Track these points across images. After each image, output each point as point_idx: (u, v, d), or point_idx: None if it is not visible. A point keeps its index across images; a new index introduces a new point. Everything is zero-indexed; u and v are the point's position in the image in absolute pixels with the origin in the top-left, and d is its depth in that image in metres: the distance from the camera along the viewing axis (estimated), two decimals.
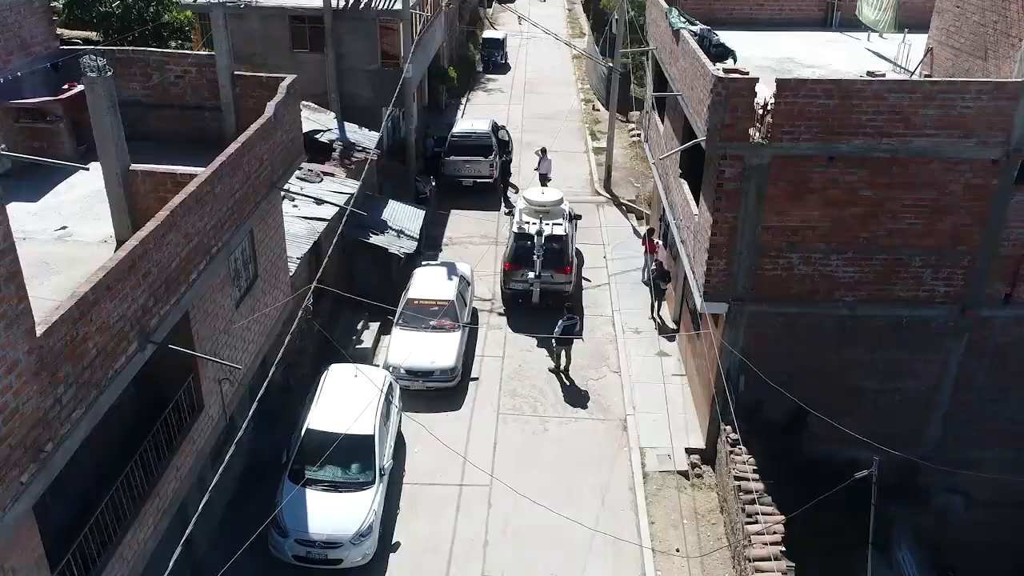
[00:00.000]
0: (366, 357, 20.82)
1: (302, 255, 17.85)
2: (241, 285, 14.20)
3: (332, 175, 21.77)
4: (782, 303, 16.65)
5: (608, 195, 31.29)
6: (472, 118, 34.79)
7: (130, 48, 16.04)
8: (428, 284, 21.75)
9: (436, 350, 20.00)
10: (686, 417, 19.25)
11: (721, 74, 14.96)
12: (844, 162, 15.31)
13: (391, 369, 19.81)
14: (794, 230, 15.97)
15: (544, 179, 30.24)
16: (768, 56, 20.96)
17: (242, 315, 14.16)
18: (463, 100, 41.49)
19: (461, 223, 28.76)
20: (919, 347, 17.02)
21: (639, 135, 36.02)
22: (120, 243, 11.52)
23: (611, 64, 32.28)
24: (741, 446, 15.79)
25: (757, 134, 15.31)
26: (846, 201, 15.67)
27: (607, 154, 31.96)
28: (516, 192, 30.92)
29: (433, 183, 28.95)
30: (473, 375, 20.84)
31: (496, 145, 31.14)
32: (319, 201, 19.90)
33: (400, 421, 18.57)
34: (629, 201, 30.79)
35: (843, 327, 16.91)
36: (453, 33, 44.52)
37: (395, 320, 20.99)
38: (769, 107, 15.10)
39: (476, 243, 27.53)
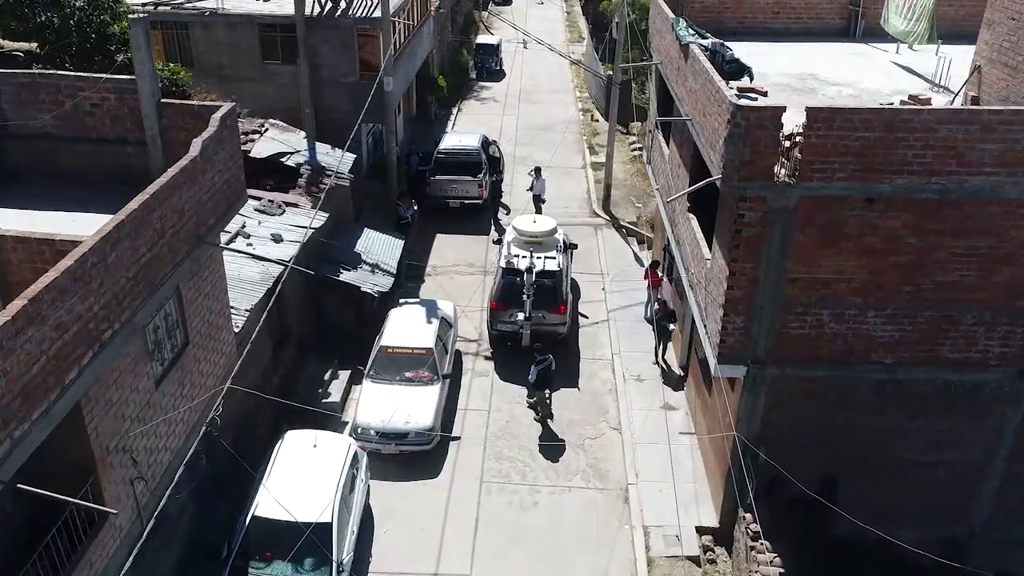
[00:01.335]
0: (334, 413, 18.41)
1: (252, 306, 15.44)
2: (164, 358, 11.81)
3: (296, 205, 19.38)
4: (810, 366, 14.29)
5: (607, 217, 28.86)
6: (460, 132, 32.32)
7: (36, 71, 13.66)
8: (404, 329, 19.32)
9: (411, 407, 17.57)
10: (696, 486, 16.85)
11: (740, 101, 12.57)
12: (885, 204, 12.95)
13: (359, 431, 17.41)
14: (825, 283, 13.60)
15: (538, 201, 27.78)
16: (786, 72, 18.58)
17: (166, 393, 11.76)
18: (454, 110, 39.07)
19: (446, 249, 26.35)
20: (969, 415, 14.66)
21: (640, 148, 33.64)
22: None
23: (611, 73, 29.90)
24: (764, 541, 13.39)
25: (783, 171, 12.93)
26: (887, 249, 13.31)
27: (606, 171, 29.50)
28: (508, 213, 28.54)
29: (415, 207, 26.51)
30: (454, 434, 18.42)
31: (486, 162, 28.69)
32: (277, 238, 17.50)
33: (368, 493, 16.19)
34: (630, 223, 28.37)
35: (880, 392, 14.56)
36: (444, 39, 42.09)
37: (366, 371, 18.56)
38: (797, 140, 12.72)
39: (462, 272, 25.11)
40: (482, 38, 47.48)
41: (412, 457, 17.46)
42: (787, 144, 12.84)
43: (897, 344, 14.06)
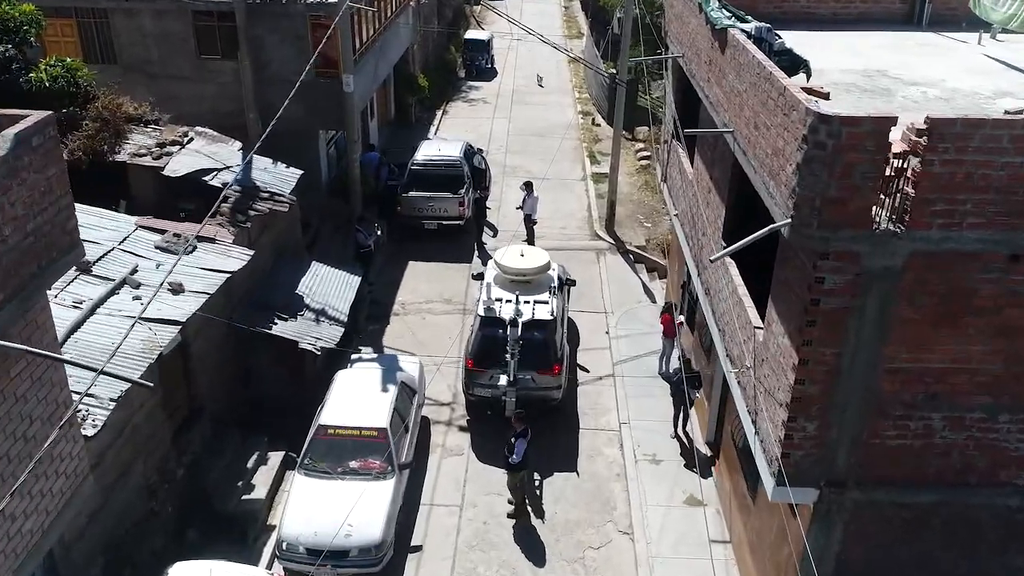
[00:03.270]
0: (255, 516, 14.06)
1: (122, 393, 11.05)
2: None
3: (213, 240, 15.01)
4: (910, 489, 10.00)
5: (611, 239, 24.50)
6: (440, 140, 27.95)
7: None
8: (351, 400, 14.93)
9: (355, 512, 13.15)
10: None
11: (823, 109, 8.22)
12: None
13: (285, 546, 13.06)
14: (939, 375, 9.32)
15: (529, 222, 23.39)
16: (847, 67, 14.24)
17: None
18: (439, 113, 34.77)
19: (419, 281, 21.99)
20: None
21: (648, 157, 29.33)
22: None
23: (613, 71, 25.56)
24: None
25: (884, 214, 8.61)
26: None
27: (610, 185, 25.09)
28: (495, 236, 24.23)
29: (379, 231, 22.11)
30: (414, 543, 14.07)
31: (469, 175, 24.34)
32: (176, 289, 13.16)
33: None
34: (638, 248, 24.02)
35: (1010, 523, 10.28)
36: (429, 33, 37.73)
37: (298, 461, 14.17)
38: (907, 168, 8.40)
39: (437, 312, 20.75)
40: (471, 33, 43.21)
41: None
42: (893, 175, 8.51)
43: None
